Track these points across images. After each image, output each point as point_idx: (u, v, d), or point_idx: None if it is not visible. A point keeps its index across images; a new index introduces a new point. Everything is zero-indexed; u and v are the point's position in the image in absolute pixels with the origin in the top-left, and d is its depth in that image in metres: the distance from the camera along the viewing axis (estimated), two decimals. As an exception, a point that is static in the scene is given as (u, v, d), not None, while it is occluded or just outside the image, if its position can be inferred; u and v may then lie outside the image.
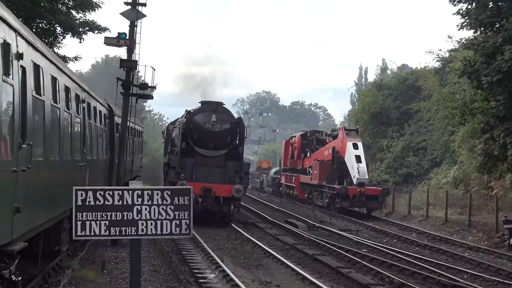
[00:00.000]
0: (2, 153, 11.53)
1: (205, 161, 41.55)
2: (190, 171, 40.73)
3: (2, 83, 11.31)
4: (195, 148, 41.85)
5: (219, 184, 39.63)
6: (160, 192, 12.02)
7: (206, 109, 42.39)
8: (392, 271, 26.81)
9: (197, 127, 41.81)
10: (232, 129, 42.60)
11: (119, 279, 21.73)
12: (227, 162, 41.48)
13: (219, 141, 41.63)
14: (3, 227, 11.80)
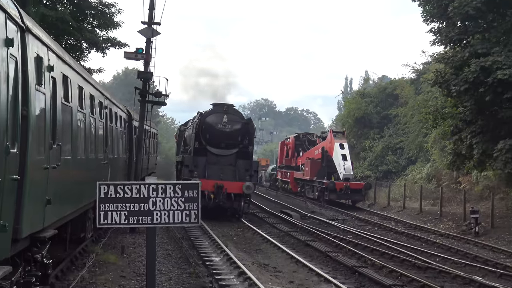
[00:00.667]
0: (38, 153, 11.54)
1: (216, 160, 39.36)
2: (203, 169, 38.42)
3: (35, 91, 11.32)
4: (207, 147, 39.61)
5: (230, 182, 37.39)
6: (172, 186, 12.03)
7: (218, 111, 40.13)
8: (373, 255, 26.83)
9: (209, 127, 39.57)
10: (242, 129, 40.26)
11: (136, 261, 21.76)
12: (238, 160, 39.31)
13: (230, 140, 39.39)
14: (36, 216, 11.80)
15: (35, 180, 11.34)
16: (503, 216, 38.08)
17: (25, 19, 10.93)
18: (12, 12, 9.91)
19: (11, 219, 9.90)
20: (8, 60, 9.53)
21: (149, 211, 11.84)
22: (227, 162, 39.47)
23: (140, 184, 11.98)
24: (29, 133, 10.77)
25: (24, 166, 10.52)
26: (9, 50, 9.54)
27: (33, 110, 11.02)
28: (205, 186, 35.00)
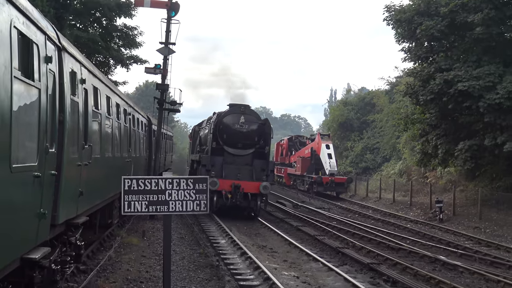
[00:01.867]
0: (72, 153, 11.55)
1: (233, 160, 34.22)
2: (220, 168, 33.42)
3: (70, 100, 11.33)
4: (224, 147, 34.36)
5: (247, 181, 32.54)
6: (185, 180, 12.01)
7: (235, 111, 34.74)
8: (354, 238, 26.81)
9: (226, 127, 34.28)
10: (259, 129, 34.86)
11: (155, 243, 21.75)
12: (254, 160, 34.20)
13: (247, 141, 34.23)
14: (71, 205, 11.81)
15: (69, 175, 11.34)
16: (463, 205, 38.09)
17: (62, 40, 10.94)
18: (51, 34, 9.92)
19: (50, 208, 9.90)
20: (48, 74, 9.54)
21: (166, 201, 11.83)
22: (243, 162, 34.48)
23: (158, 178, 11.97)
24: (65, 136, 10.79)
25: (61, 163, 10.53)
26: (48, 66, 9.55)
27: (68, 116, 11.04)
28: (222, 185, 31.58)
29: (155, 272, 16.47)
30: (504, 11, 32.90)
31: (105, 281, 15.06)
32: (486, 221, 33.34)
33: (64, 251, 12.15)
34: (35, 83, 8.73)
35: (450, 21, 34.42)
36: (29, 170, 8.51)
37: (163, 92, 31.80)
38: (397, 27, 38.40)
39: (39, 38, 9.08)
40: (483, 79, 31.92)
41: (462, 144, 35.38)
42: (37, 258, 8.80)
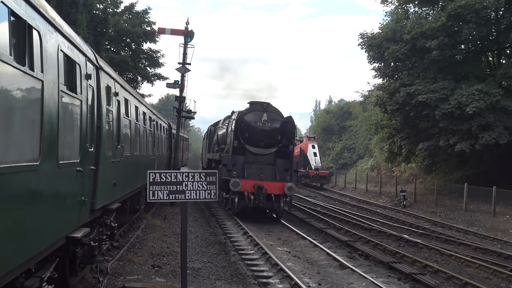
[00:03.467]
0: (108, 152, 11.56)
1: (254, 159, 27.93)
2: (241, 168, 27.24)
3: (106, 109, 11.33)
4: (245, 146, 27.96)
5: (271, 182, 26.44)
6: (198, 174, 12.01)
7: (257, 109, 28.52)
8: (335, 220, 26.83)
9: (248, 126, 28.06)
10: (282, 127, 28.41)
11: (174, 225, 21.76)
12: (277, 160, 27.90)
13: (269, 139, 27.96)
14: (107, 194, 11.81)
15: (105, 170, 11.34)
16: (422, 194, 38.11)
17: (99, 61, 10.94)
18: (90, 56, 9.93)
19: (89, 196, 9.91)
20: (88, 88, 9.55)
21: (183, 190, 11.81)
22: (265, 162, 28.12)
23: (177, 172, 11.97)
24: (102, 138, 10.79)
25: (98, 160, 10.53)
26: (88, 82, 9.56)
27: (104, 122, 11.04)
28: (244, 186, 25.47)
29: (174, 248, 16.48)
30: (455, 38, 32.97)
31: (134, 255, 15.07)
32: (440, 206, 33.36)
33: (101, 231, 12.17)
34: (77, 96, 8.74)
35: (411, 46, 34.45)
36: (73, 166, 8.51)
37: (181, 103, 31.81)
38: (369, 51, 38.41)
39: (81, 59, 9.09)
40: (438, 92, 32.06)
41: (421, 144, 35.95)
42: (79, 237, 8.81)
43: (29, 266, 7.01)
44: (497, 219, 27.14)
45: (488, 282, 15.31)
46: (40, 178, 6.71)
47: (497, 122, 30.61)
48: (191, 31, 30.22)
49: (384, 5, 42.37)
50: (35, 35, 6.45)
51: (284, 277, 13.92)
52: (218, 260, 15.72)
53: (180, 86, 31.03)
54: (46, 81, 6.76)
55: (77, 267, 10.43)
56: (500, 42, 34.56)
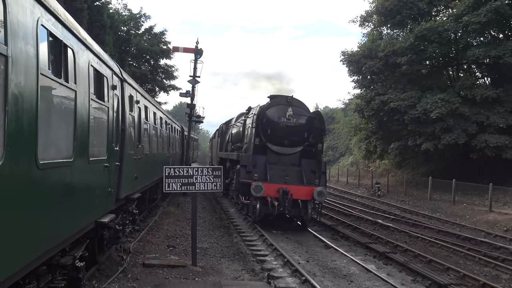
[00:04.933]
0: (130, 150, 11.56)
1: (277, 159, 21.36)
2: (263, 170, 20.73)
3: (129, 115, 11.33)
4: (267, 144, 21.38)
5: (298, 186, 20.05)
6: (206, 168, 12.05)
7: (280, 102, 21.95)
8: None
9: (270, 121, 21.47)
10: (308, 123, 21.76)
11: (186, 211, 21.72)
12: (302, 160, 21.40)
13: (294, 137, 21.37)
14: (129, 186, 11.79)
15: (128, 166, 11.34)
16: (393, 185, 38.05)
17: (123, 74, 10.95)
18: (115, 70, 9.93)
19: (115, 188, 9.91)
20: (113, 97, 9.56)
21: (193, 183, 11.84)
22: (289, 162, 21.43)
23: (188, 168, 12.04)
24: (125, 139, 10.78)
25: (122, 157, 10.52)
26: (114, 92, 9.57)
27: (127, 125, 11.03)
28: (267, 191, 19.29)
29: (186, 231, 16.46)
30: (421, 55, 33.03)
31: (152, 237, 15.06)
32: (409, 196, 33.33)
33: (124, 216, 12.19)
34: (105, 103, 8.75)
35: (385, 62, 34.51)
36: (101, 162, 8.52)
37: (191, 109, 31.73)
38: (349, 66, 38.42)
39: (108, 72, 9.10)
40: (407, 100, 32.20)
41: (393, 144, 36.26)
42: (106, 222, 8.83)
43: (64, 246, 7.03)
44: (456, 206, 27.15)
45: (449, 259, 15.32)
46: (73, 172, 6.73)
47: (456, 126, 30.77)
48: (201, 49, 30.18)
49: (362, 27, 42.72)
50: (70, 53, 6.49)
51: (278, 255, 13.91)
52: (223, 241, 15.71)
53: (191, 95, 31.01)
54: (78, 91, 6.80)
55: (104, 247, 10.47)
56: (459, 59, 34.71)
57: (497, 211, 24.24)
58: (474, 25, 30.10)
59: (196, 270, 11.39)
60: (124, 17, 46.51)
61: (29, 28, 4.99)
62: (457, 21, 31.82)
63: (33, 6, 5.13)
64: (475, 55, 30.64)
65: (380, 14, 38.02)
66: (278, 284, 10.65)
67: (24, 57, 4.85)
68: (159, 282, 10.15)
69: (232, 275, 11.26)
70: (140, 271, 10.98)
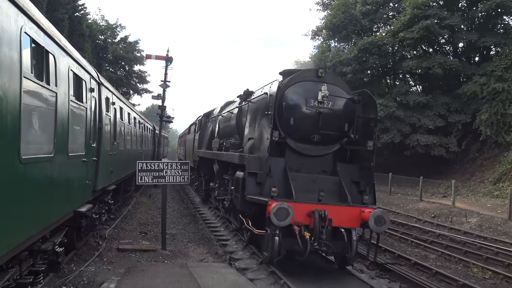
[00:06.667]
0: (106, 146, 11.35)
1: (301, 164, 10.72)
2: (283, 180, 10.23)
3: (105, 115, 11.12)
4: (287, 141, 10.63)
5: (339, 206, 9.74)
6: (175, 163, 11.96)
7: (308, 77, 10.82)
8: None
9: (294, 107, 10.59)
10: (349, 110, 10.94)
11: (157, 201, 21.44)
12: (338, 165, 10.86)
13: (330, 130, 10.61)
14: (105, 179, 11.57)
15: (104, 160, 11.14)
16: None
17: (100, 78, 10.74)
18: (93, 74, 9.75)
19: (92, 180, 9.73)
20: (91, 99, 9.38)
21: (163, 176, 11.73)
22: (319, 168, 10.94)
23: (159, 162, 11.93)
24: (102, 136, 10.59)
25: (99, 153, 10.34)
26: (92, 94, 9.40)
27: (104, 124, 10.83)
28: (295, 215, 9.30)
29: (157, 219, 16.27)
30: (363, 65, 33.64)
31: (126, 224, 14.86)
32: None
33: (101, 206, 12.00)
34: (83, 104, 8.59)
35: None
36: (79, 157, 8.36)
37: (162, 110, 31.41)
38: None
39: (86, 77, 8.92)
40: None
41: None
42: (84, 211, 8.67)
43: (45, 234, 6.89)
44: (392, 196, 27.70)
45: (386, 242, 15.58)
46: (54, 166, 6.60)
47: (393, 127, 31.49)
48: (171, 57, 29.89)
49: (313, 40, 43.19)
50: (51, 58, 6.36)
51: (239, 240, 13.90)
52: (190, 228, 15.60)
53: (162, 98, 30.71)
54: (59, 93, 6.66)
55: (82, 234, 10.28)
56: (395, 69, 35.53)
57: (426, 200, 24.88)
58: (408, 40, 30.89)
59: (166, 253, 11.29)
60: (101, 27, 45.83)
61: (13, 35, 4.88)
62: (394, 37, 32.55)
63: (17, 15, 5.01)
64: (409, 66, 31.46)
65: (329, 29, 38.47)
66: (239, 265, 10.66)
67: (8, 61, 4.73)
68: (132, 264, 10.02)
69: (198, 258, 11.20)
70: (115, 255, 10.83)
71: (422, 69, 31.30)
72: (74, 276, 8.78)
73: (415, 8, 30.56)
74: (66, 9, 29.13)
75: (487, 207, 21.90)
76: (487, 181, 26.78)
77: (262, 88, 12.09)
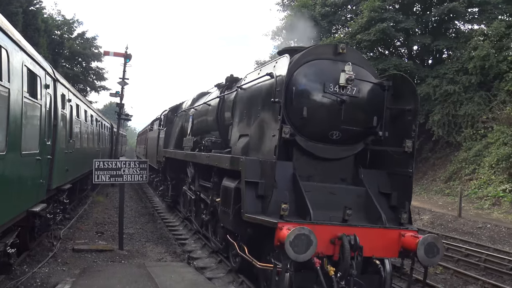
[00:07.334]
0: (62, 144, 11.07)
1: (313, 169, 7.19)
2: (292, 192, 6.69)
3: (61, 112, 10.85)
4: (296, 139, 7.03)
5: (372, 229, 6.35)
6: (133, 162, 11.78)
7: (324, 54, 7.22)
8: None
9: (306, 93, 6.96)
10: (378, 99, 7.25)
11: (114, 200, 21.07)
12: (361, 171, 7.29)
13: (354, 125, 7.08)
14: (60, 178, 11.31)
15: (59, 159, 10.87)
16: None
17: (56, 74, 10.48)
18: (49, 70, 9.50)
19: (46, 179, 9.49)
20: (46, 95, 9.15)
21: (121, 174, 11.51)
22: (337, 175, 7.46)
23: (117, 161, 11.71)
24: (57, 134, 10.33)
25: (54, 151, 10.09)
26: (47, 90, 9.17)
27: (59, 122, 10.55)
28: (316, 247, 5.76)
29: (114, 218, 15.98)
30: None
31: (82, 224, 14.54)
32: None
33: (56, 206, 11.72)
34: (38, 101, 8.36)
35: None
36: (33, 155, 8.14)
37: (121, 108, 30.83)
38: (262, 73, 38.95)
39: (41, 73, 8.69)
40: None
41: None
42: (38, 211, 8.45)
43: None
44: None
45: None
46: (5, 164, 6.40)
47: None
48: (130, 54, 29.38)
49: (273, 40, 43.59)
50: (4, 53, 6.17)
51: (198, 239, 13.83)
52: (148, 227, 15.41)
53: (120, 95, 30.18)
54: (12, 89, 6.47)
55: (35, 235, 10.03)
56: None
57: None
58: (365, 42, 31.53)
59: (123, 253, 11.12)
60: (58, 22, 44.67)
61: (-38, 28, 4.69)
62: (352, 38, 33.14)
63: (-34, 7, 4.82)
64: (366, 68, 32.11)
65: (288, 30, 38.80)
66: (197, 264, 10.61)
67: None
68: (88, 265, 9.81)
69: (156, 257, 11.08)
70: (70, 255, 10.57)
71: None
72: (26, 278, 8.52)
73: (372, 11, 31.22)
74: (20, 2, 28.23)
75: (439, 204, 22.66)
76: (438, 179, 27.68)
77: (259, 70, 9.09)
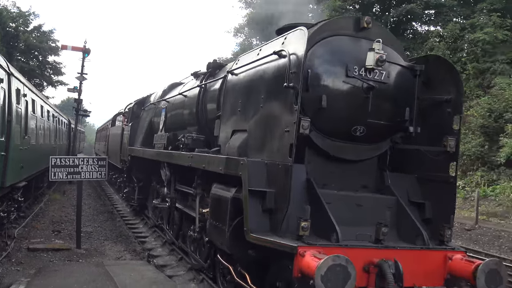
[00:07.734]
0: (16, 141, 10.73)
1: (329, 173, 4.91)
2: (306, 204, 4.39)
3: (16, 107, 10.50)
4: (310, 135, 4.55)
5: (413, 251, 4.28)
6: (92, 159, 11.55)
7: (343, 29, 4.88)
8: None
9: (325, 78, 4.61)
10: (410, 86, 5.10)
11: (72, 198, 20.52)
12: (387, 175, 5.09)
13: (382, 118, 4.83)
14: (15, 175, 10.95)
15: (14, 155, 10.52)
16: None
17: (10, 68, 10.14)
18: (2, 64, 9.20)
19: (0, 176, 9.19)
20: (0, 90, 8.83)
21: (79, 172, 11.28)
22: (358, 180, 5.27)
23: (74, 158, 11.46)
24: (11, 130, 9.99)
25: (8, 147, 9.77)
26: (0, 85, 8.86)
27: (14, 117, 10.21)
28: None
29: (71, 216, 15.60)
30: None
31: (37, 223, 14.16)
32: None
33: (10, 204, 11.37)
34: (-10, 96, 8.06)
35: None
36: (-15, 152, 7.85)
37: (79, 104, 30.15)
38: (224, 71, 38.95)
39: (-6, 66, 8.39)
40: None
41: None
42: (-10, 209, 8.16)
43: None
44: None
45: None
46: (-45, 161, 6.13)
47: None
48: (88, 49, 28.73)
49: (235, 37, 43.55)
50: (-47, 45, 5.89)
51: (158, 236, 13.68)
52: (106, 225, 15.13)
53: (78, 91, 29.49)
54: (-38, 83, 6.20)
55: (-12, 234, 9.68)
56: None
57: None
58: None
59: (80, 252, 10.88)
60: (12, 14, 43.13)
61: None
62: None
63: None
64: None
65: (251, 27, 38.92)
66: (157, 262, 10.51)
67: None
68: (43, 265, 9.55)
69: (115, 256, 10.90)
70: (25, 255, 10.26)
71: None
72: (-22, 278, 8.22)
73: (333, 11, 31.69)
74: (-28, -7, 27.13)
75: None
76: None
77: (258, 49, 6.78)
